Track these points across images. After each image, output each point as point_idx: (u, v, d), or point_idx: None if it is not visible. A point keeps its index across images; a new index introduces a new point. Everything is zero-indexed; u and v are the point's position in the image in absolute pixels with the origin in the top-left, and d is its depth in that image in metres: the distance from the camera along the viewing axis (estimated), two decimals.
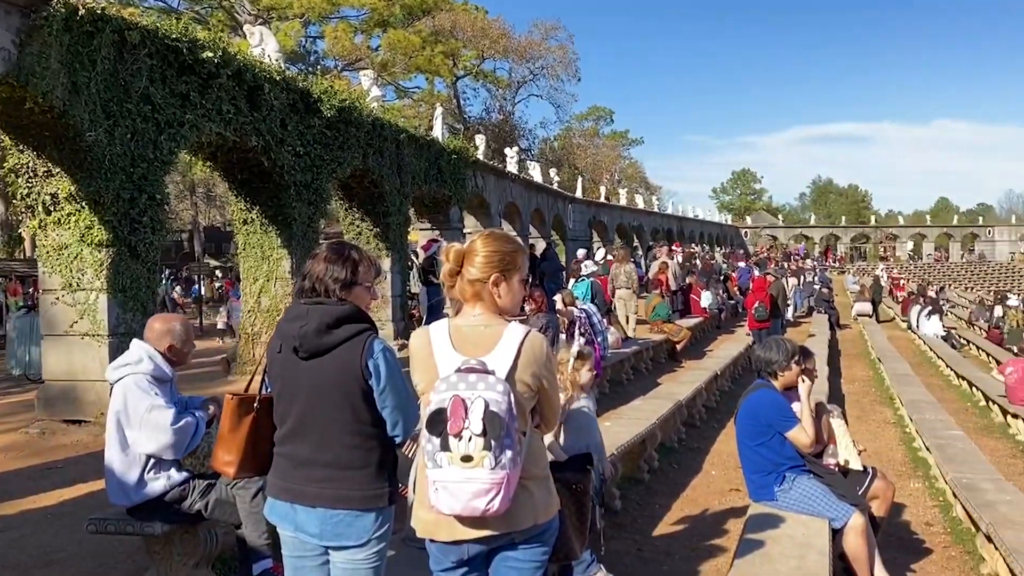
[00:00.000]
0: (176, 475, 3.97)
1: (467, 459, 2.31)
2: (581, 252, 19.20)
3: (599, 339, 10.12)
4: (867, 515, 4.71)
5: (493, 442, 2.30)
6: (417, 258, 15.91)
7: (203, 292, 21.39)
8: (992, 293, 37.00)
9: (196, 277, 23.70)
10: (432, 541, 2.55)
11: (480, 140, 20.69)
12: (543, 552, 2.58)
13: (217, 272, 27.44)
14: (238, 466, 2.90)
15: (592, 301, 12.38)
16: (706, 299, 18.61)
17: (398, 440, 2.74)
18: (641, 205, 41.71)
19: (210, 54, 8.81)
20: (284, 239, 11.14)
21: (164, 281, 21.41)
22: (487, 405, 2.31)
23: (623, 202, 39.45)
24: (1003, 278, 56.92)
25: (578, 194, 32.22)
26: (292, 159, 10.81)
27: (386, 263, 13.85)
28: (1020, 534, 4.99)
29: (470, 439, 2.31)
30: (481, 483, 2.31)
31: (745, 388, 5.18)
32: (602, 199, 36.58)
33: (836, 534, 4.58)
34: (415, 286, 14.91)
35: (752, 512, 4.74)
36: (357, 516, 2.65)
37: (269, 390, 2.87)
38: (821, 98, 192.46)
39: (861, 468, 5.16)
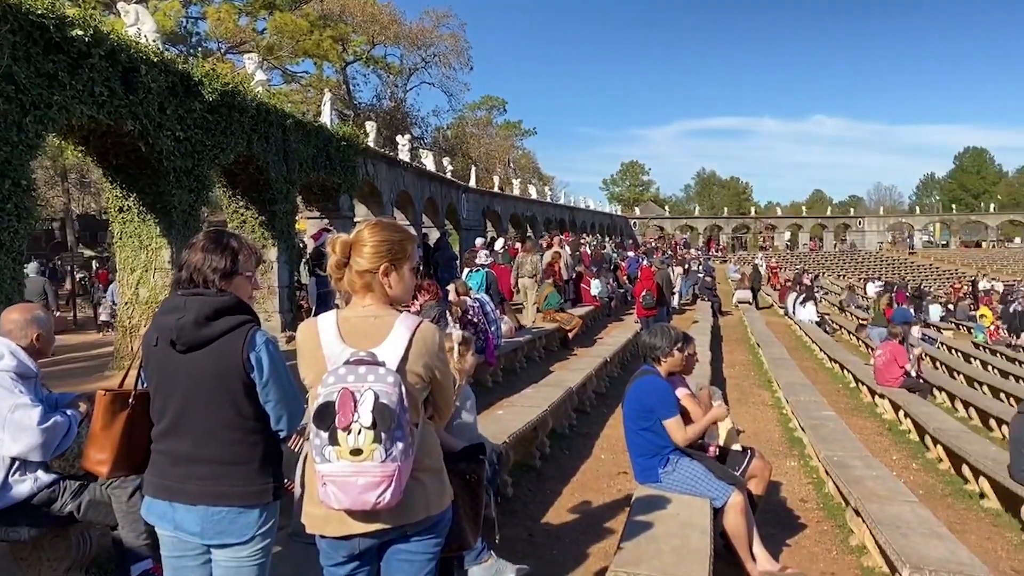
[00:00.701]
0: (44, 476, 3.74)
1: (357, 453, 2.28)
2: (480, 241, 19.23)
3: (493, 328, 10.18)
4: (746, 493, 4.93)
5: (383, 435, 2.28)
6: (306, 248, 15.54)
7: (73, 283, 20.22)
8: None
9: (69, 267, 22.38)
10: (322, 536, 2.51)
11: (371, 127, 20.36)
12: (436, 544, 2.58)
13: (94, 263, 26.02)
14: (112, 465, 2.77)
15: (486, 291, 12.43)
16: (596, 288, 19.00)
17: (283, 435, 2.68)
18: (534, 195, 42.12)
19: (80, 32, 8.29)
20: (163, 228, 10.66)
21: (44, 271, 20.03)
22: (377, 397, 2.28)
23: (517, 192, 39.74)
24: (872, 266, 60.60)
25: (472, 183, 32.22)
26: (171, 144, 10.33)
27: (272, 253, 13.48)
28: (884, 507, 5.33)
29: (360, 432, 2.27)
30: (371, 476, 2.29)
31: (633, 374, 5.32)
32: (496, 189, 36.76)
33: (717, 513, 4.77)
34: (304, 276, 14.56)
35: (638, 494, 4.89)
36: (240, 513, 2.58)
37: (145, 385, 2.75)
38: (705, 93, 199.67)
39: (740, 449, 5.39)
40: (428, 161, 25.80)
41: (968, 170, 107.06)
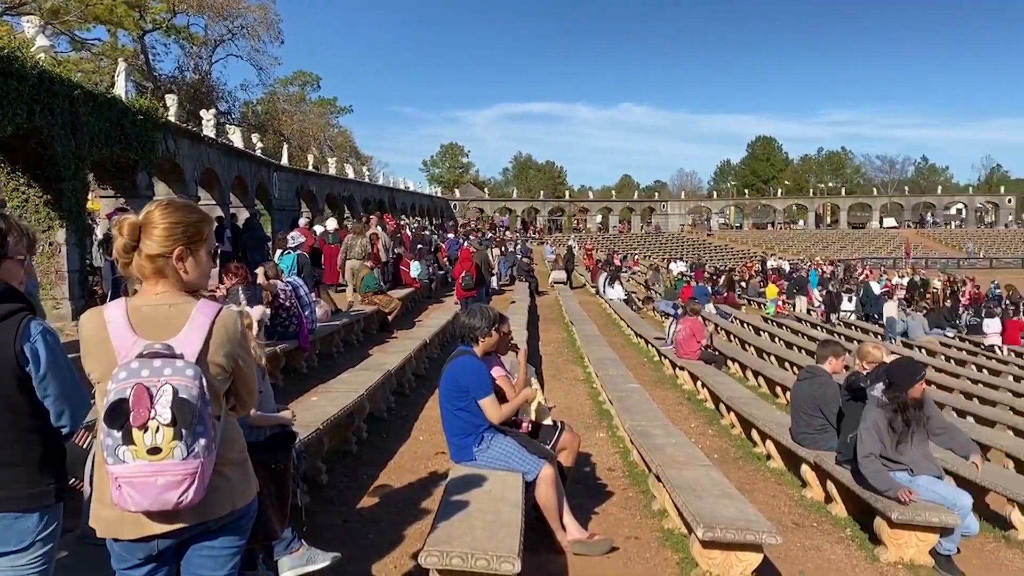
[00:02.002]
0: None
1: (155, 451, 2.15)
2: (303, 221, 18.59)
3: (307, 312, 9.92)
4: (556, 466, 5.13)
5: (184, 431, 2.16)
6: (99, 228, 14.37)
7: None
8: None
9: None
10: (115, 540, 2.34)
11: (172, 100, 19.06)
12: (240, 538, 2.49)
13: None
14: None
15: (298, 274, 12.07)
16: (416, 269, 18.98)
17: (65, 431, 2.48)
18: (352, 175, 41.26)
19: None
20: None
21: None
22: (176, 392, 2.16)
23: (333, 171, 38.75)
24: (675, 247, 64.59)
25: (284, 162, 31.08)
26: None
27: (60, 235, 12.34)
28: (682, 472, 5.72)
29: (158, 430, 2.14)
30: (172, 475, 2.17)
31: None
32: (310, 168, 35.61)
33: (530, 486, 4.93)
34: (97, 259, 13.46)
35: (454, 474, 4.96)
36: (17, 518, 2.37)
37: None
38: (523, 78, 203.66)
39: (551, 423, 5.60)
40: (236, 137, 24.55)
41: (759, 157, 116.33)
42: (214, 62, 48.88)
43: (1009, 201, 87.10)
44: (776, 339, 19.09)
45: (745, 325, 21.37)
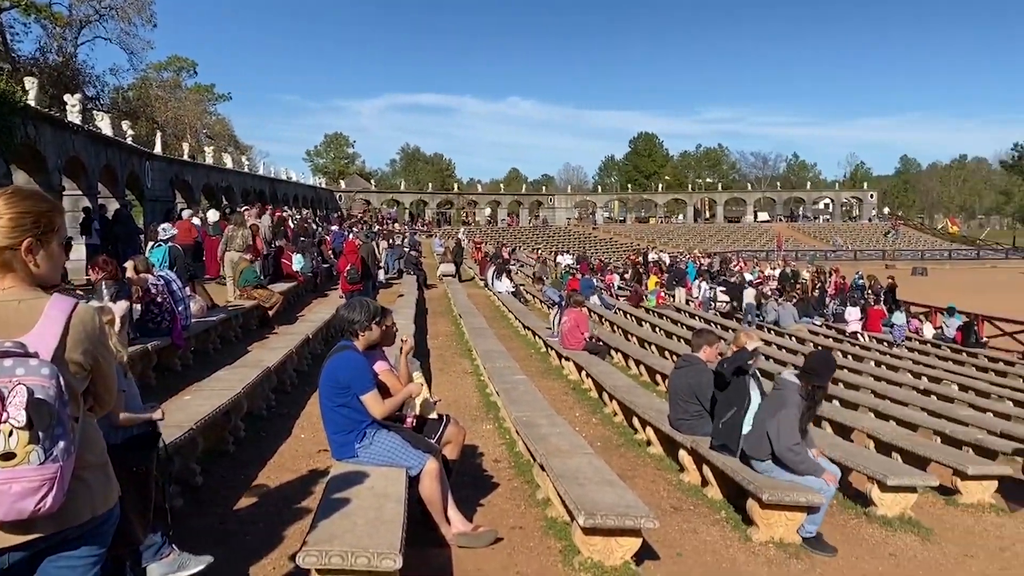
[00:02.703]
0: None
1: (8, 457, 2.00)
2: (187, 213, 17.78)
3: (180, 308, 9.50)
4: (441, 460, 5.11)
5: (41, 434, 2.02)
6: None
7: None
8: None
9: None
10: None
11: (31, 83, 17.86)
12: (100, 546, 2.34)
13: None
14: None
15: (171, 267, 11.56)
16: (299, 262, 18.50)
17: None
18: (230, 165, 39.84)
19: None
20: None
21: None
22: (31, 393, 2.01)
23: (210, 161, 37.33)
24: (562, 240, 65.62)
25: (158, 150, 29.68)
26: None
27: None
28: (566, 460, 5.80)
29: (11, 433, 1.99)
30: (29, 482, 2.02)
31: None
32: (186, 157, 34.16)
33: (414, 481, 4.89)
34: None
35: (335, 471, 4.84)
36: None
37: None
38: (411, 69, 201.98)
39: (437, 417, 5.57)
40: (105, 124, 23.25)
41: (641, 153, 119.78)
42: (80, 44, 46.16)
43: (872, 196, 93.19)
44: (657, 329, 19.69)
45: (628, 316, 21.95)
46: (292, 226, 23.30)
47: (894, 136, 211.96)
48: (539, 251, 50.68)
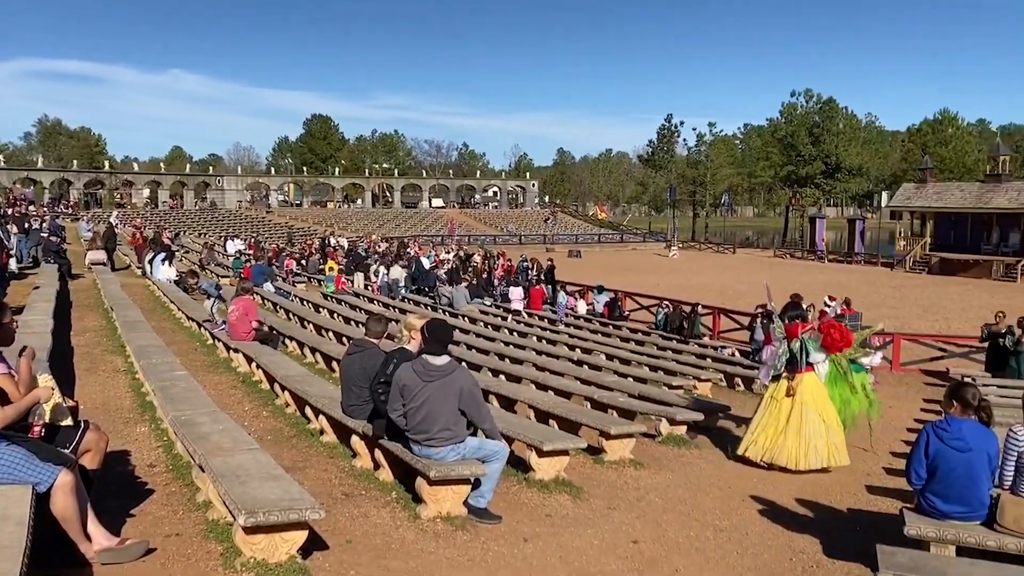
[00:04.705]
0: None
1: None
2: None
3: None
4: (78, 471, 4.52)
5: None
6: None
7: None
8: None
9: None
10: None
11: None
12: None
13: None
14: None
15: None
16: None
17: None
18: None
19: None
20: None
21: None
22: None
23: None
24: (232, 224, 62.31)
25: None
26: None
27: None
28: (228, 458, 5.44)
29: None
30: None
31: None
32: None
33: (43, 497, 4.27)
34: None
35: None
36: None
37: None
38: (47, 30, 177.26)
39: (72, 423, 4.94)
40: None
41: (316, 136, 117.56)
42: None
43: (534, 186, 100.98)
44: (335, 315, 19.47)
45: (305, 303, 21.45)
46: None
47: (552, 130, 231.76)
48: (206, 236, 47.58)
